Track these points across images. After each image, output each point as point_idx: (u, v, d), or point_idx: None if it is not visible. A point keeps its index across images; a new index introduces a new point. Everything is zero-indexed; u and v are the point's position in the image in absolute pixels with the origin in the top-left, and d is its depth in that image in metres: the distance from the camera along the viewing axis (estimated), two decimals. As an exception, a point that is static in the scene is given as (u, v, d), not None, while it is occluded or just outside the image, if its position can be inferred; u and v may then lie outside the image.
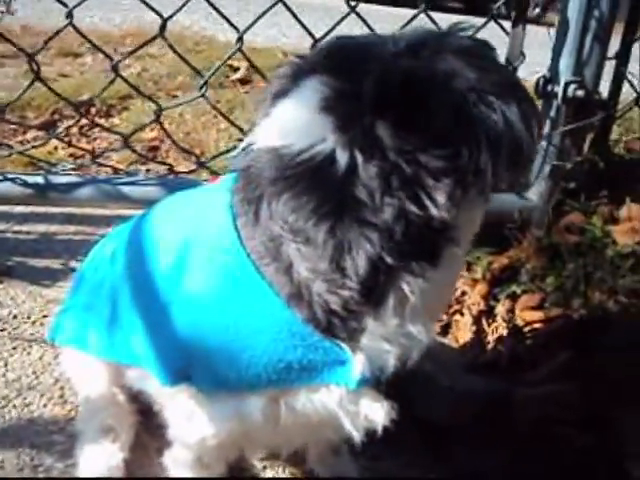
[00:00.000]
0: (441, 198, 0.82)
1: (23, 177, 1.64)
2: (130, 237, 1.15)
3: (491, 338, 1.64)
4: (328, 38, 1.12)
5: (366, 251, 0.84)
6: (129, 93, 3.17)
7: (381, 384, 0.98)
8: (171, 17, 1.63)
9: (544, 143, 1.76)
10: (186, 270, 0.98)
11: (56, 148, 2.60)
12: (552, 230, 1.82)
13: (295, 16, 1.74)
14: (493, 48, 0.94)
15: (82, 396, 1.32)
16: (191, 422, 1.04)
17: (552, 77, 1.70)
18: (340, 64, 0.88)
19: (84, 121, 2.92)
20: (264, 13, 1.70)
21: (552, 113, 1.74)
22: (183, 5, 1.63)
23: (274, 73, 0.98)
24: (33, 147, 1.85)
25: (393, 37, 0.90)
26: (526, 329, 1.65)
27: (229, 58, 1.76)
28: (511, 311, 1.69)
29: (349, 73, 0.85)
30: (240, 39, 1.70)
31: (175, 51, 1.76)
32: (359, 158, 0.82)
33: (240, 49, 1.71)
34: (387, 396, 1.00)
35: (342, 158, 0.82)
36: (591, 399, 1.41)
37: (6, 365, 1.48)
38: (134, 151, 1.95)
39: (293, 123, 0.86)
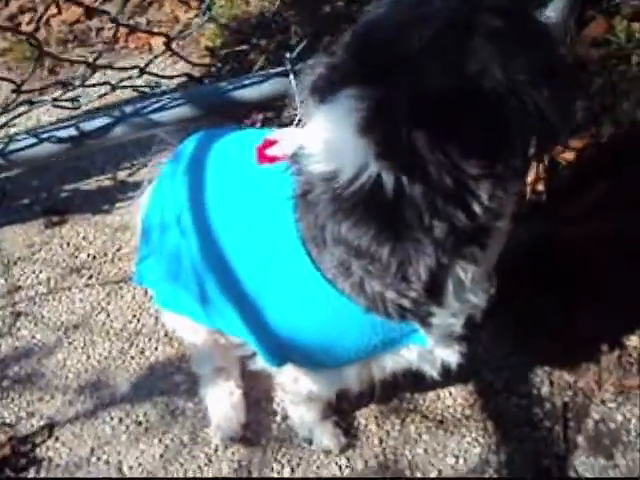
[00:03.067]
0: (484, 199, 0.89)
1: (56, 133, 1.64)
2: (195, 213, 1.23)
3: (530, 179, 1.72)
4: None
5: (425, 262, 0.93)
6: None
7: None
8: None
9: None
10: (269, 280, 1.11)
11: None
12: (576, 45, 1.78)
13: None
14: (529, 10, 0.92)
15: (187, 343, 1.50)
16: (298, 384, 1.24)
17: None
18: (372, 70, 0.87)
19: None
20: None
21: None
22: None
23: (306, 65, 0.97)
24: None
25: (420, 18, 0.87)
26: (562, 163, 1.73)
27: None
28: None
29: (382, 84, 0.85)
30: None
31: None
32: (404, 179, 0.88)
33: None
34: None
35: (388, 182, 0.87)
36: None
37: (108, 315, 1.64)
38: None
39: (337, 145, 0.90)
